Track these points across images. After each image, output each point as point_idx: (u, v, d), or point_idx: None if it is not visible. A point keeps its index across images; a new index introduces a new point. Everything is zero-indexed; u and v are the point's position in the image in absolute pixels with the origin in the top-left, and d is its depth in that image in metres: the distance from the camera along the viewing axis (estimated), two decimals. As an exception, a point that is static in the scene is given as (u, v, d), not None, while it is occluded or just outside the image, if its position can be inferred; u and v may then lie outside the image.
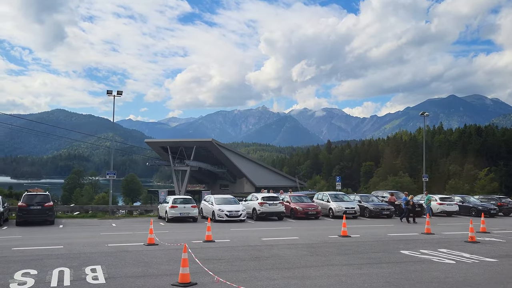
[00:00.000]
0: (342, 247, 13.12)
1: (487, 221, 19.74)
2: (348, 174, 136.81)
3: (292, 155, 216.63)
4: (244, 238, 15.11)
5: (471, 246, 13.73)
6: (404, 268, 10.11)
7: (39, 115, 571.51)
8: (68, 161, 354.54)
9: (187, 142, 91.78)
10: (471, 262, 10.94)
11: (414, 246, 13.39)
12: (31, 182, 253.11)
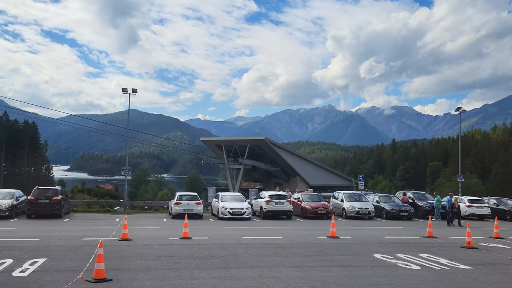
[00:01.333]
0: (314, 249, 12.38)
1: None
2: (414, 175, 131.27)
3: (356, 154, 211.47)
4: (225, 236, 14.76)
5: (462, 252, 12.48)
6: (354, 272, 9.32)
7: (114, 115, 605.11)
8: (139, 158, 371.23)
9: (241, 140, 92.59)
10: (438, 269, 9.90)
11: (395, 250, 12.34)
12: (105, 179, 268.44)
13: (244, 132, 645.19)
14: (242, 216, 21.03)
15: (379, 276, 9.00)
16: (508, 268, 10.34)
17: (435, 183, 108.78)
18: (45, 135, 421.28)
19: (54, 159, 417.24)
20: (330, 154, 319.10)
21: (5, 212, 19.26)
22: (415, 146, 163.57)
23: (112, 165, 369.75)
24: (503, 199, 27.10)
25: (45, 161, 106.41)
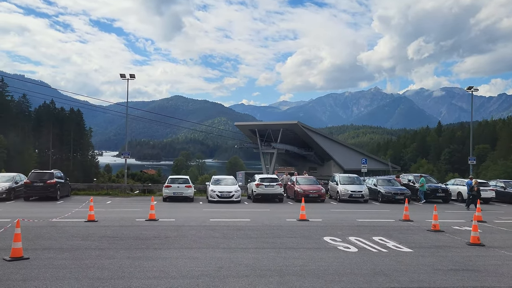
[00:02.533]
0: (269, 231, 12.30)
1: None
2: (459, 158, 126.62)
3: (399, 137, 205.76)
4: (193, 218, 14.92)
5: (421, 235, 12.10)
6: (285, 254, 9.28)
7: (160, 101, 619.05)
8: (184, 144, 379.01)
9: (274, 125, 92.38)
10: (375, 251, 9.70)
11: (352, 233, 12.05)
12: (151, 164, 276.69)
13: (288, 116, 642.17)
14: (231, 199, 21.10)
15: (305, 258, 8.88)
16: (451, 251, 9.94)
17: (480, 167, 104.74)
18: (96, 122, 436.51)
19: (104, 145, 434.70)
20: (375, 138, 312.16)
21: (3, 194, 20.30)
22: (461, 128, 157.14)
23: (158, 150, 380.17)
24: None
25: (91, 146, 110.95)
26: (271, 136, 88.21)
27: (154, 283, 6.77)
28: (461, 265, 8.60)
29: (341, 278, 7.35)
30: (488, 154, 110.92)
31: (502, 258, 9.39)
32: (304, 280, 7.17)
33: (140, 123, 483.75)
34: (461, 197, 24.16)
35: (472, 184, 21.67)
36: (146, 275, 7.26)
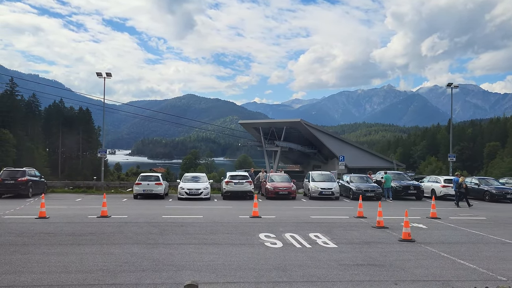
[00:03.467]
0: (209, 228, 12.48)
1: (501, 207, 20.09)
2: (470, 156, 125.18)
3: (410, 135, 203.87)
4: (146, 215, 15.14)
5: (360, 232, 12.18)
6: (205, 249, 9.44)
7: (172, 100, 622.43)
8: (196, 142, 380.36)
9: (278, 123, 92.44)
10: (297, 248, 9.85)
11: (293, 230, 12.13)
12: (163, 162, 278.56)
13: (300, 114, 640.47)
14: (199, 196, 21.27)
15: (221, 253, 9.04)
16: (375, 247, 10.01)
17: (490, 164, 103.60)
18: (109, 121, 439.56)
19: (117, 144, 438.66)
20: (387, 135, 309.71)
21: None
22: (472, 126, 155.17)
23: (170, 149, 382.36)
24: (489, 179, 25.57)
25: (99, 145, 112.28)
26: (274, 134, 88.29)
27: (42, 277, 6.97)
28: (371, 260, 8.66)
29: (235, 272, 7.47)
30: (498, 152, 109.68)
31: (418, 253, 9.40)
32: (197, 274, 7.32)
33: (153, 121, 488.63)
34: (434, 194, 24.07)
35: (459, 181, 21.73)
36: (42, 269, 7.46)
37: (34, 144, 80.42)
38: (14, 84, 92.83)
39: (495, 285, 7.06)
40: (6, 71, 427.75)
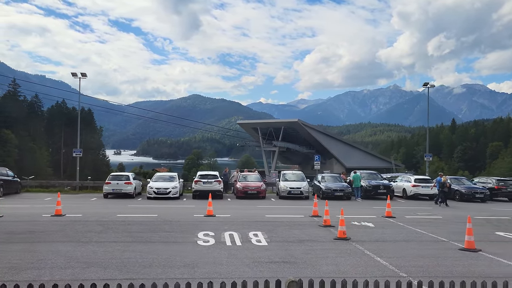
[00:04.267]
0: (155, 226, 12.70)
1: (470, 206, 20.55)
2: (472, 156, 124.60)
3: (413, 135, 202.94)
4: (101, 214, 15.39)
5: (303, 230, 12.34)
6: (132, 247, 9.60)
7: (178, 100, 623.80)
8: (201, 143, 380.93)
9: (276, 123, 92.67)
10: (227, 246, 9.99)
11: (234, 229, 12.27)
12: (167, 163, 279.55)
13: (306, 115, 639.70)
14: (168, 195, 21.46)
15: (144, 251, 9.21)
16: (304, 245, 10.14)
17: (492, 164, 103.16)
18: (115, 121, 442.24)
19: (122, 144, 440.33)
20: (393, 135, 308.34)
21: None
22: (476, 126, 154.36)
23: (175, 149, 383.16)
24: (462, 179, 25.59)
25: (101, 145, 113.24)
26: (273, 135, 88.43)
27: None
28: (289, 258, 8.78)
29: (142, 269, 7.62)
30: (501, 152, 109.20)
31: (342, 251, 9.51)
32: (102, 270, 7.49)
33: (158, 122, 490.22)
34: (405, 193, 24.19)
35: (442, 181, 21.98)
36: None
37: (36, 144, 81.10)
38: (17, 85, 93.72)
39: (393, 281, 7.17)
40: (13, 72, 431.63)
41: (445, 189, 21.64)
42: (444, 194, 21.57)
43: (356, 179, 23.48)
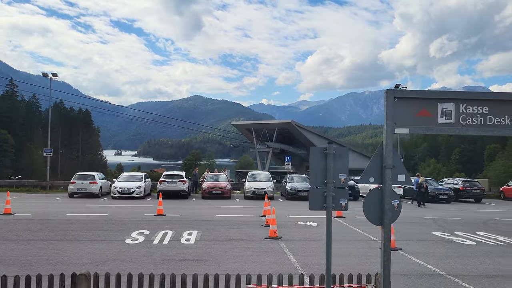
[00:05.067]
0: (96, 225, 12.84)
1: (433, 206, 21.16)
2: (470, 158, 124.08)
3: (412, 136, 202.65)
4: (51, 213, 15.57)
5: (242, 230, 12.47)
6: (52, 245, 9.80)
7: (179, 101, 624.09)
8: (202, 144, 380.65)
9: (270, 124, 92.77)
10: (152, 244, 10.19)
11: (173, 228, 12.42)
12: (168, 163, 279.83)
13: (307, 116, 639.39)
14: (131, 195, 21.61)
15: (59, 249, 9.38)
16: (233, 244, 10.28)
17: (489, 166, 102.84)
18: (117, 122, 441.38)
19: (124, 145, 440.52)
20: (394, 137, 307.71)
21: None
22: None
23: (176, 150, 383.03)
24: (430, 180, 25.68)
25: (99, 146, 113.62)
26: (267, 136, 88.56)
27: None
28: (204, 256, 8.92)
29: (45, 267, 7.77)
30: (498, 154, 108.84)
31: (264, 249, 9.64)
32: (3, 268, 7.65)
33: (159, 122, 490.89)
34: None
35: (419, 182, 22.27)
36: None
37: (33, 145, 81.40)
38: (14, 85, 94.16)
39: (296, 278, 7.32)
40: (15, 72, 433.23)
41: (422, 190, 22.04)
42: (422, 195, 22.03)
43: None
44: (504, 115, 4.01)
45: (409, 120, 4.05)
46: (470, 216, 17.36)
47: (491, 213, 18.95)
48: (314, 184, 4.67)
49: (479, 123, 4.04)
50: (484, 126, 4.05)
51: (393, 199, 4.32)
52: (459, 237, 11.91)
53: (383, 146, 4.19)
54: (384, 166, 4.16)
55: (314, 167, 4.66)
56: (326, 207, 4.64)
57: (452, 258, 9.27)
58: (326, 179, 4.57)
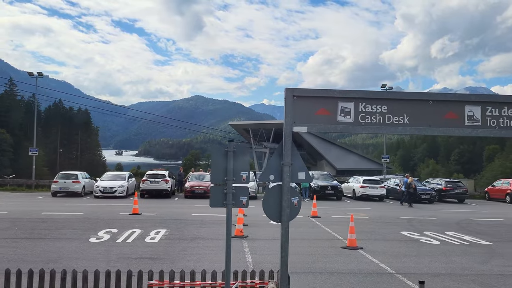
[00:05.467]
0: (65, 223, 12.95)
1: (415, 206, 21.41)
2: (469, 159, 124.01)
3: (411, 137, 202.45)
4: (26, 212, 15.68)
5: (209, 228, 12.44)
6: (15, 244, 9.82)
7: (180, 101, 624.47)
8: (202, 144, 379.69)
9: (267, 124, 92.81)
10: (115, 243, 10.28)
11: (142, 226, 12.50)
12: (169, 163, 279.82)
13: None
14: (114, 194, 21.67)
15: (21, 247, 9.40)
16: (194, 243, 10.35)
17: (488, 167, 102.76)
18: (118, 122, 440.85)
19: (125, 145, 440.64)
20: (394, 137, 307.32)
21: None
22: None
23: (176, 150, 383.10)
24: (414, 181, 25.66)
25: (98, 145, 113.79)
26: (264, 136, 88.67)
27: None
28: (161, 254, 8.99)
29: (5, 264, 7.86)
30: (497, 155, 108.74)
31: (217, 248, 9.67)
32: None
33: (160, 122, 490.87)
34: (354, 194, 24.45)
35: (408, 182, 22.47)
36: None
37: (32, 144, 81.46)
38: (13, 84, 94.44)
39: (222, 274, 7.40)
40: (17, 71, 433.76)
41: (411, 190, 22.24)
42: (410, 195, 22.19)
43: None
44: (403, 114, 4.07)
45: (308, 118, 4.12)
46: (446, 216, 17.39)
47: (469, 214, 18.98)
48: (214, 181, 4.74)
49: (378, 121, 4.10)
50: (383, 125, 4.11)
51: (293, 197, 4.38)
52: (426, 237, 11.95)
53: (283, 144, 4.25)
54: (283, 164, 4.22)
55: (215, 165, 4.73)
56: (226, 204, 4.70)
57: (409, 257, 9.32)
58: (226, 176, 4.63)
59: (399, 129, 4.11)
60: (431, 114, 4.07)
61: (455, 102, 4.11)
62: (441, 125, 4.13)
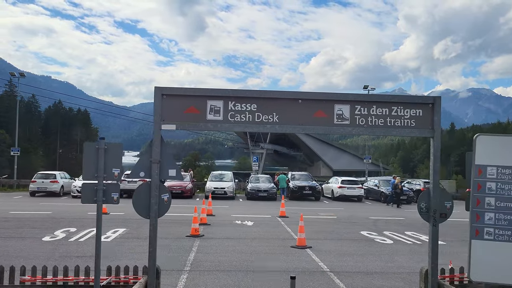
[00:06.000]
0: (31, 223, 13.10)
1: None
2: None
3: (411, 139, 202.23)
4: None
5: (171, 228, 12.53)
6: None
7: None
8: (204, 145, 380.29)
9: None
10: (66, 241, 10.41)
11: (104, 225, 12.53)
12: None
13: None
14: (91, 194, 21.78)
15: None
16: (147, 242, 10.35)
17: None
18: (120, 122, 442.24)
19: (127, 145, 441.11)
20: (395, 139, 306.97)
21: None
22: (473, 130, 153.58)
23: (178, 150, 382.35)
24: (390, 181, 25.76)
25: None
26: (261, 137, 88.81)
27: None
28: (106, 253, 9.06)
29: None
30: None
31: (168, 248, 9.82)
32: None
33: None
34: (333, 194, 24.55)
35: (395, 183, 22.80)
36: None
37: (32, 145, 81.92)
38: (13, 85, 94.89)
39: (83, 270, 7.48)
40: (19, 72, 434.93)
41: (398, 191, 22.57)
42: (397, 196, 22.51)
43: (281, 180, 23.96)
44: (272, 113, 4.14)
45: (177, 116, 4.19)
46: (417, 217, 17.32)
47: (444, 214, 18.96)
48: (86, 178, 4.83)
49: (247, 119, 4.17)
50: (252, 123, 4.18)
51: (162, 193, 4.46)
52: (382, 236, 12.01)
53: (153, 142, 4.33)
54: (151, 161, 4.30)
55: (86, 162, 4.82)
56: (96, 201, 4.79)
57: (353, 256, 9.38)
58: (97, 173, 4.72)
59: (267, 127, 4.18)
60: (300, 112, 4.15)
61: (325, 101, 4.19)
62: (310, 123, 4.21)
